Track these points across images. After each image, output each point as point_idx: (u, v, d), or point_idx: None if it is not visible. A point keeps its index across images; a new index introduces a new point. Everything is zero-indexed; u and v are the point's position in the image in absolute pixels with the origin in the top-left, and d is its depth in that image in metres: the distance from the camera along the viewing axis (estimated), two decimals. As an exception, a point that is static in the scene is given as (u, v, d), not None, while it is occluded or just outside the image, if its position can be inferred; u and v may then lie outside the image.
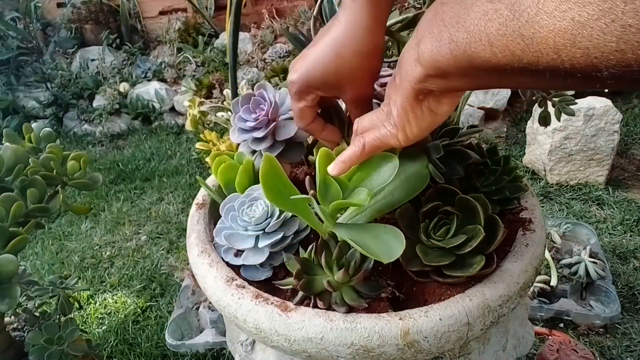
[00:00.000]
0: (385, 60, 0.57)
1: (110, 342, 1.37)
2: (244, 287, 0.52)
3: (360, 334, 0.46)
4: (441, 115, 0.36)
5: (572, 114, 0.53)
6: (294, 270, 0.50)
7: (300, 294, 0.50)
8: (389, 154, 0.46)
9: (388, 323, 0.46)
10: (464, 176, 0.57)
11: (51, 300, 1.03)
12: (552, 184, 1.84)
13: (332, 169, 0.44)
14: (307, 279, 0.49)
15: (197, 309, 1.37)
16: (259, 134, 0.55)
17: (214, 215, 0.64)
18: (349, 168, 0.44)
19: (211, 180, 0.68)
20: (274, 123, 0.55)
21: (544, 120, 0.56)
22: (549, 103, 0.55)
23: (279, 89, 0.61)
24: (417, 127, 0.37)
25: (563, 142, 1.77)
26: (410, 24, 0.50)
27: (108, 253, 1.77)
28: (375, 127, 0.40)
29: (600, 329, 1.24)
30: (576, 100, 0.55)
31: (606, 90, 2.01)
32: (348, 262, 0.50)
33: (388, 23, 0.50)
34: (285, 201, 0.47)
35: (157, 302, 1.51)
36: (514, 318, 0.60)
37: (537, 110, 1.87)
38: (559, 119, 0.54)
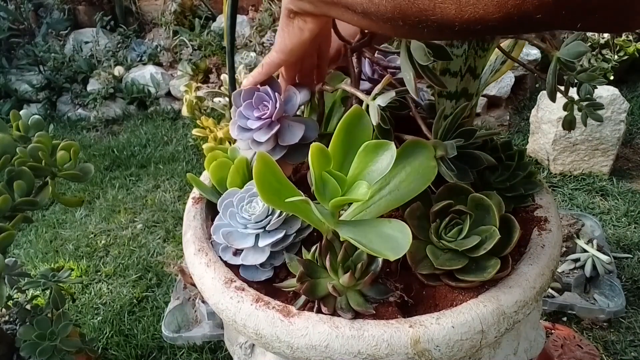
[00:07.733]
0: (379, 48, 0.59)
1: (106, 333, 1.35)
2: (243, 289, 0.49)
3: (368, 342, 0.43)
4: (308, 31, 0.43)
5: (600, 119, 0.49)
6: (297, 272, 0.47)
7: (303, 297, 0.47)
8: (384, 142, 0.43)
9: (397, 331, 0.43)
10: (476, 172, 0.54)
11: (44, 291, 1.00)
12: (555, 174, 1.81)
13: (244, 84, 0.52)
14: (311, 282, 0.46)
15: (194, 300, 1.35)
16: (261, 136, 0.50)
17: (211, 210, 0.61)
18: (255, 83, 0.51)
19: (206, 175, 0.65)
20: (278, 126, 0.50)
21: (569, 125, 0.52)
22: (575, 107, 0.51)
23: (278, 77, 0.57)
24: (289, 40, 0.45)
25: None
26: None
27: (103, 242, 1.74)
28: None
29: (604, 323, 1.23)
30: (603, 105, 0.51)
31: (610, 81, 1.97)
32: (354, 265, 0.47)
33: None
34: (283, 202, 0.43)
35: (153, 292, 1.49)
36: (527, 321, 0.57)
37: (541, 99, 1.83)
38: (585, 124, 0.50)
